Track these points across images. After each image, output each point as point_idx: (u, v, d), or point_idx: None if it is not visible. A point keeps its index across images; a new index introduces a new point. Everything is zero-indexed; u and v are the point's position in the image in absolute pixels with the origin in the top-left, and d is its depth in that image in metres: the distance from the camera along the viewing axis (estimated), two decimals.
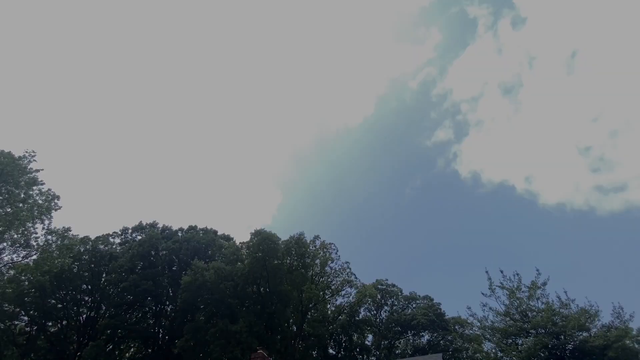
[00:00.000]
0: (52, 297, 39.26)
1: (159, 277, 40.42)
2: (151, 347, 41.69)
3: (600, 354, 14.04)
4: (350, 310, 42.44)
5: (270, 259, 35.25)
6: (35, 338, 40.14)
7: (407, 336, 41.10)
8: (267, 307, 35.66)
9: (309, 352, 38.49)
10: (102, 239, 44.52)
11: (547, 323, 15.18)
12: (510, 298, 17.40)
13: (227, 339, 30.78)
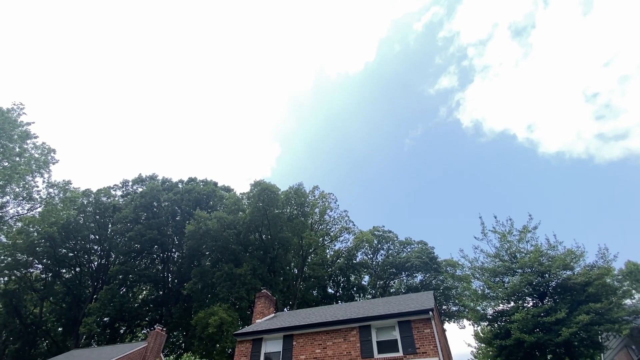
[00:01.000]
0: (63, 246, 40.88)
1: (163, 226, 41.76)
2: (162, 289, 44.61)
3: (581, 290, 15.14)
4: (348, 254, 44.72)
5: (270, 208, 36.12)
6: (51, 284, 42.65)
7: (401, 277, 43.90)
8: (269, 253, 37.46)
9: (310, 291, 41.36)
10: (103, 192, 45.11)
11: (534, 263, 16.10)
12: (501, 241, 18.25)
13: (232, 281, 32.77)
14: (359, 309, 17.23)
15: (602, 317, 14.04)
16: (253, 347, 16.22)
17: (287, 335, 15.85)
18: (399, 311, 14.41)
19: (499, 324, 17.29)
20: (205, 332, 27.84)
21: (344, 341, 14.52)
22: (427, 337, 13.17)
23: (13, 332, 42.11)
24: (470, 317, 34.58)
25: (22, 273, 40.72)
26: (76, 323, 38.98)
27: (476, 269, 18.38)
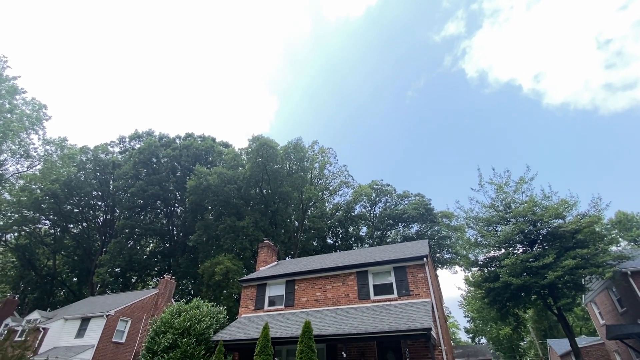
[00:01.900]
0: (67, 203, 41.68)
1: (164, 182, 42.20)
2: (168, 242, 46.42)
3: (570, 237, 15.77)
4: (347, 207, 45.80)
5: (270, 163, 36.18)
6: (61, 238, 44.27)
7: (398, 228, 45.43)
8: (270, 207, 38.31)
9: (310, 242, 43.10)
10: (101, 148, 44.86)
11: (527, 212, 16.57)
12: (497, 192, 18.59)
13: (235, 233, 33.96)
14: (357, 257, 18.09)
15: (588, 262, 14.81)
16: (258, 292, 17.31)
17: (290, 281, 16.83)
18: (394, 257, 15.13)
19: (489, 269, 18.29)
20: (212, 279, 29.50)
21: (342, 285, 15.45)
22: (421, 281, 14.00)
23: (30, 283, 44.66)
24: (462, 264, 36.47)
25: (31, 229, 42.06)
26: (89, 273, 41.19)
27: (471, 219, 18.95)
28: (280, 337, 12.40)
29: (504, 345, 53.72)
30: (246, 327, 14.44)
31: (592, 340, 23.51)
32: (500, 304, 17.17)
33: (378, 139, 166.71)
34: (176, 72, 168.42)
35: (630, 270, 15.70)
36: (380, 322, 11.75)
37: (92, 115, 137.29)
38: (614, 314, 18.72)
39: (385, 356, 13.03)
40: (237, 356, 15.13)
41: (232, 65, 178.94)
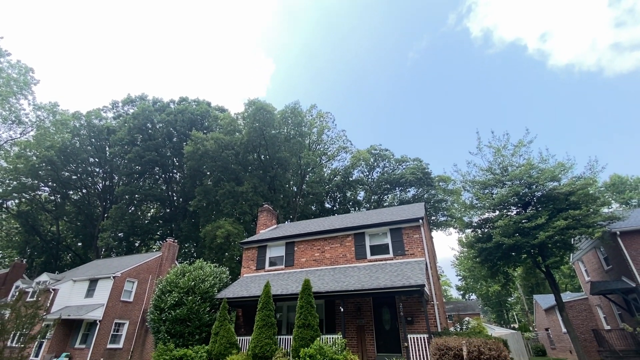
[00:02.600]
0: (65, 170, 41.61)
1: (160, 148, 41.86)
2: (169, 207, 47.07)
3: (563, 199, 16.05)
4: (345, 172, 46.01)
5: (267, 129, 35.70)
6: (62, 205, 44.73)
7: (395, 192, 46.02)
8: (268, 172, 38.41)
9: (309, 206, 43.82)
10: (94, 114, 43.91)
11: (523, 175, 16.72)
12: (495, 155, 18.58)
13: (235, 198, 34.38)
14: (354, 219, 18.51)
15: (579, 223, 15.22)
16: (259, 253, 17.90)
17: (289, 242, 17.36)
18: (391, 220, 15.50)
19: (482, 231, 18.83)
20: (214, 242, 30.33)
21: (340, 246, 15.97)
22: (416, 242, 14.46)
23: (36, 248, 45.84)
24: (456, 226, 37.44)
25: (31, 195, 42.34)
26: (93, 238, 42.17)
27: (467, 182, 19.11)
28: (281, 294, 13.03)
29: (492, 301, 56.89)
30: (248, 286, 15.12)
31: (576, 295, 24.87)
32: (491, 263, 17.88)
33: (378, 102, 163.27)
34: (167, 32, 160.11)
35: (619, 230, 16.24)
36: (376, 280, 12.30)
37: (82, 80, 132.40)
38: (599, 272, 19.63)
39: (380, 311, 13.81)
40: (241, 312, 15.99)
41: (225, 25, 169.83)
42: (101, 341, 21.46)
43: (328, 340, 11.01)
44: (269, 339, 11.57)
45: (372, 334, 13.37)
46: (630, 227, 16.17)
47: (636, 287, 15.36)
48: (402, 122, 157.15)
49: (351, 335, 13.35)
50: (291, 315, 14.98)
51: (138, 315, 24.30)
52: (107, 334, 21.98)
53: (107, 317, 22.17)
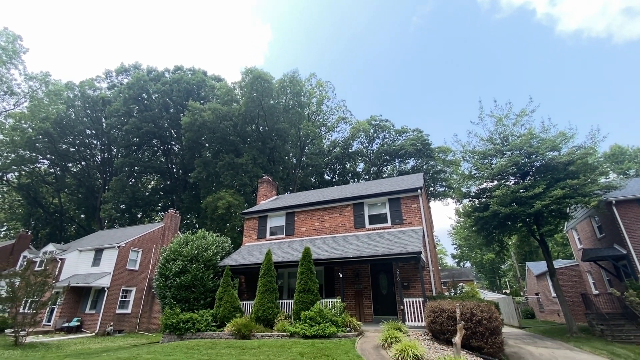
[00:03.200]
0: (62, 142, 41.27)
1: (157, 119, 41.27)
2: (169, 179, 47.25)
3: (562, 169, 16.08)
4: (345, 144, 45.72)
5: (265, 99, 34.99)
6: (62, 177, 44.82)
7: (394, 163, 46.01)
8: (267, 144, 38.16)
9: (308, 178, 43.98)
10: (87, 84, 42.83)
11: (524, 145, 16.63)
12: (496, 125, 18.37)
13: (235, 170, 34.42)
14: (353, 190, 18.68)
15: (576, 192, 15.37)
16: (259, 223, 18.24)
17: (289, 213, 17.63)
18: (389, 190, 15.65)
19: (479, 200, 19.07)
20: (216, 213, 30.76)
21: (339, 216, 16.25)
22: (414, 211, 14.70)
23: (40, 220, 46.51)
24: (454, 196, 37.83)
25: (30, 168, 42.32)
26: (95, 210, 42.70)
27: (467, 152, 19.03)
28: (282, 261, 13.44)
29: (486, 268, 58.83)
30: (250, 254, 15.55)
31: (568, 262, 25.69)
32: (486, 231, 18.27)
33: (379, 71, 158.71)
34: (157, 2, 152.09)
35: (615, 199, 16.46)
36: (374, 247, 12.64)
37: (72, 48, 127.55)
38: (592, 240, 20.14)
39: (377, 277, 14.32)
40: (243, 279, 16.57)
41: None
42: (110, 307, 22.39)
43: (327, 304, 11.50)
44: (271, 303, 12.08)
45: (370, 298, 13.96)
46: (625, 197, 16.37)
47: (627, 254, 15.83)
48: (404, 92, 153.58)
49: (350, 300, 13.95)
50: (292, 282, 15.54)
51: (144, 283, 25.18)
52: (116, 300, 22.89)
53: (115, 284, 22.98)
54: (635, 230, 15.82)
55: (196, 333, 12.18)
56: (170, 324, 12.50)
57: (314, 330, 10.07)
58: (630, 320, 14.37)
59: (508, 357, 9.75)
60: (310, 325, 10.31)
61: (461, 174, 20.54)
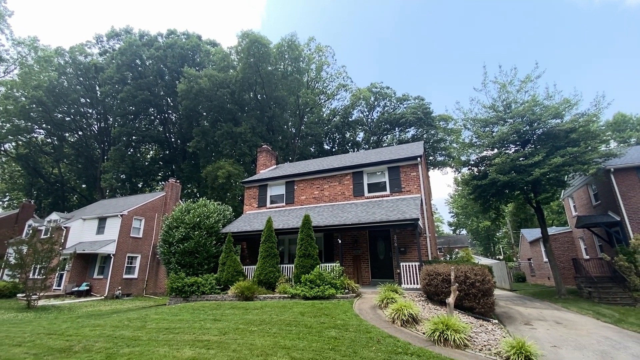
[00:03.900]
0: (56, 111, 40.51)
1: (153, 87, 40.25)
2: (167, 149, 46.99)
3: (564, 136, 15.97)
4: (344, 112, 44.95)
5: (262, 64, 33.90)
6: (59, 147, 44.50)
7: (394, 132, 45.57)
8: (266, 112, 37.54)
9: (307, 148, 43.75)
10: (78, 49, 41.30)
11: (526, 112, 16.39)
12: (500, 92, 17.97)
13: (233, 139, 34.15)
14: (353, 159, 18.68)
15: (575, 160, 15.39)
16: (260, 192, 18.42)
17: (289, 182, 17.75)
18: (389, 158, 15.65)
19: (478, 169, 19.13)
20: (216, 182, 30.95)
21: (338, 184, 16.38)
22: (413, 179, 14.80)
23: (42, 190, 46.85)
24: (454, 165, 37.90)
25: (27, 138, 41.91)
26: (96, 180, 42.89)
27: (468, 120, 18.79)
28: (282, 228, 13.75)
29: (481, 236, 60.31)
30: (251, 221, 15.86)
31: (561, 229, 26.29)
32: (484, 199, 18.51)
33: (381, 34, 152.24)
34: None
35: (613, 167, 16.51)
36: (372, 215, 12.88)
37: (58, 12, 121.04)
38: (587, 207, 20.47)
39: (375, 243, 14.72)
40: (245, 245, 17.03)
41: None
42: (117, 272, 23.20)
43: (327, 268, 11.92)
44: (272, 267, 12.52)
45: (368, 262, 14.44)
46: (624, 164, 16.42)
47: (620, 221, 16.16)
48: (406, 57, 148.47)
49: (348, 264, 14.44)
50: (292, 248, 16.00)
51: (148, 250, 25.89)
52: (122, 266, 23.67)
53: (120, 251, 23.64)
54: (631, 198, 16.04)
55: (201, 296, 12.73)
56: (176, 287, 13.03)
57: (314, 292, 10.53)
58: (618, 283, 14.97)
59: (498, 316, 10.28)
60: (310, 288, 10.76)
61: (461, 142, 20.44)
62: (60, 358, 6.42)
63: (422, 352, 5.83)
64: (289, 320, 7.95)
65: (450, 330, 6.46)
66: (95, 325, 9.34)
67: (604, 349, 7.10)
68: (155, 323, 8.76)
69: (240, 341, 6.61)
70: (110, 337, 7.69)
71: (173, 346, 6.58)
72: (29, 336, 8.55)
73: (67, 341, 7.71)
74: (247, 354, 5.87)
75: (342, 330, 7.06)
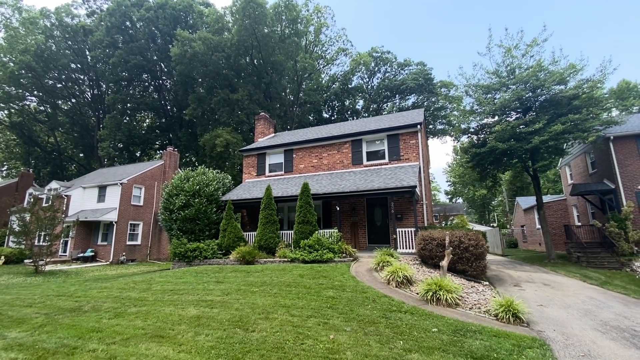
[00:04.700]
0: (47, 77, 39.29)
1: (145, 51, 38.77)
2: (164, 117, 46.20)
3: (566, 103, 15.71)
4: (344, 78, 43.77)
5: (259, 26, 32.43)
6: (53, 115, 43.65)
7: (395, 100, 44.71)
8: (263, 78, 36.51)
9: (306, 116, 43.10)
10: (64, 10, 39.27)
11: (530, 78, 16.00)
12: (504, 56, 17.40)
13: (230, 106, 33.51)
14: (352, 126, 18.48)
15: (576, 127, 15.27)
16: (258, 160, 18.41)
17: (288, 150, 17.68)
18: (388, 126, 15.49)
19: (478, 137, 19.02)
20: (214, 151, 30.81)
21: (337, 152, 16.34)
22: (412, 147, 14.76)
23: (39, 159, 46.60)
24: (453, 133, 37.63)
25: (20, 106, 41.00)
26: (93, 149, 42.58)
27: (470, 86, 18.37)
28: (281, 195, 13.90)
29: (477, 204, 61.27)
30: (250, 189, 16.00)
31: (556, 197, 26.70)
32: (482, 167, 18.58)
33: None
34: None
35: (613, 135, 16.43)
36: (370, 182, 12.99)
37: None
38: (583, 175, 20.64)
39: (373, 210, 14.98)
40: (245, 212, 17.31)
41: None
42: (120, 239, 23.74)
43: (325, 234, 12.23)
44: (272, 233, 12.83)
45: (365, 229, 14.79)
46: (623, 132, 16.34)
47: (615, 189, 16.38)
48: (410, 19, 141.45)
49: (346, 230, 14.79)
50: (291, 215, 16.28)
51: (150, 217, 26.32)
52: (125, 233, 24.18)
53: (122, 218, 24.03)
54: (628, 166, 16.14)
55: (203, 260, 13.15)
56: (179, 252, 13.42)
57: (313, 256, 10.88)
58: (607, 248, 15.48)
59: (489, 279, 10.73)
60: (309, 252, 11.11)
61: (462, 109, 20.14)
62: (71, 317, 6.75)
63: (415, 310, 6.15)
64: (288, 282, 8.29)
65: (443, 290, 6.77)
66: (103, 288, 9.73)
67: (588, 308, 7.49)
68: (160, 285, 9.13)
69: (243, 301, 6.94)
70: (117, 298, 8.04)
71: (178, 306, 6.91)
72: (39, 298, 8.93)
73: (77, 302, 8.07)
74: (249, 312, 6.18)
75: (339, 290, 7.39)
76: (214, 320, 5.82)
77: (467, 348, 4.55)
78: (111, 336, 5.35)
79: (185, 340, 5.01)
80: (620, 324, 6.23)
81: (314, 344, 4.71)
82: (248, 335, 5.07)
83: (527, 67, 16.86)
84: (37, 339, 5.46)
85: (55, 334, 5.65)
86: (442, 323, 5.51)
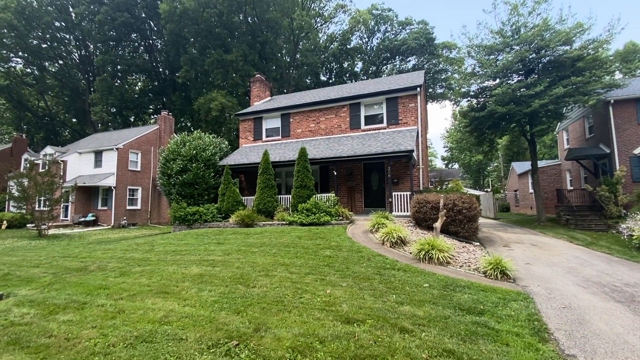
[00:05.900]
0: (31, 36, 37.34)
1: (132, 7, 36.61)
2: (156, 79, 44.68)
3: (570, 65, 15.31)
4: (342, 38, 41.94)
5: None
6: (41, 77, 42.05)
7: (395, 62, 43.25)
8: (258, 37, 34.91)
9: (303, 79, 41.82)
10: None
11: (535, 38, 15.43)
12: (510, 14, 16.64)
13: (224, 68, 32.34)
14: (350, 89, 18.06)
15: (577, 90, 15.02)
16: (255, 125, 18.17)
17: (285, 114, 17.41)
18: (388, 89, 15.16)
19: (477, 100, 18.72)
20: (209, 115, 30.25)
21: (335, 117, 16.12)
22: (411, 111, 14.56)
23: (31, 124, 45.61)
24: (453, 97, 36.92)
25: (5, 68, 39.35)
26: (86, 113, 41.59)
27: (473, 47, 17.75)
28: (279, 160, 13.92)
29: (472, 169, 61.71)
30: (248, 154, 15.97)
31: (551, 162, 26.90)
32: (480, 131, 18.49)
33: None
34: None
35: (613, 98, 16.21)
36: (367, 147, 12.97)
37: None
38: (580, 140, 20.65)
39: (369, 175, 15.11)
40: (243, 177, 17.41)
41: None
42: (120, 204, 24.02)
43: (322, 198, 12.43)
44: (270, 197, 13.02)
45: (361, 193, 15.02)
46: (624, 96, 16.11)
47: (609, 153, 16.49)
48: None
49: (343, 194, 15.02)
50: (289, 180, 16.42)
51: (148, 182, 26.44)
52: (124, 198, 24.42)
53: (120, 184, 24.13)
54: (625, 130, 16.12)
55: (203, 223, 13.45)
56: (179, 215, 13.68)
57: (310, 219, 11.16)
58: (596, 212, 15.91)
59: (480, 240, 11.13)
60: (306, 215, 11.37)
61: (463, 72, 19.62)
62: (78, 276, 7.04)
63: (408, 267, 6.46)
64: (287, 243, 8.58)
65: (435, 250, 7.06)
66: (107, 249, 10.04)
67: (573, 265, 7.88)
68: (163, 247, 9.42)
69: (243, 260, 7.23)
70: (121, 259, 8.34)
71: (181, 265, 7.20)
72: (45, 259, 9.23)
73: (82, 262, 8.37)
74: (250, 270, 6.47)
75: (336, 250, 7.69)
76: (216, 277, 6.11)
77: (455, 301, 4.85)
78: (118, 293, 5.62)
79: (189, 295, 5.29)
80: (602, 280, 6.60)
81: (311, 297, 5.00)
82: (249, 291, 5.35)
83: (533, 25, 16.19)
84: (47, 296, 5.74)
85: (64, 291, 5.93)
86: (433, 279, 5.82)
